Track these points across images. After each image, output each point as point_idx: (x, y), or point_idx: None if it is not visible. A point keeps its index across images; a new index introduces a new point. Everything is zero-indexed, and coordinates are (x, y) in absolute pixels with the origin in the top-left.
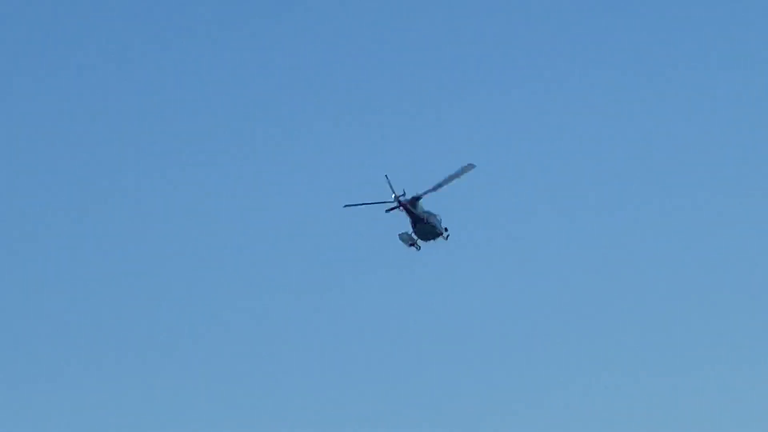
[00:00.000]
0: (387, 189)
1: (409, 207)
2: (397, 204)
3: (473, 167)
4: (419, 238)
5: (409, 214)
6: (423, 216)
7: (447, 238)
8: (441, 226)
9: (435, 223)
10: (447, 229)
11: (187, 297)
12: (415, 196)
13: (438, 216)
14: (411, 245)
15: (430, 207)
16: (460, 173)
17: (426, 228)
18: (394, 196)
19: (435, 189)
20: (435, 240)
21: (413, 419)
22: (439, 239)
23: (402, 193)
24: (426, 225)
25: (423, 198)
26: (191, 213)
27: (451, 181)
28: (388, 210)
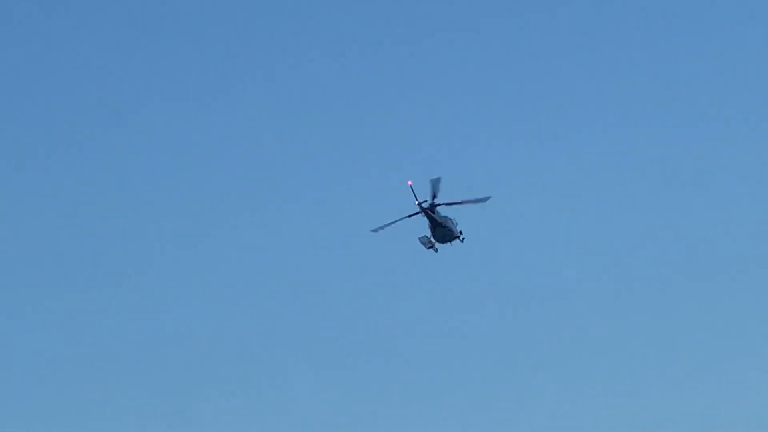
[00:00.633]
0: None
1: (430, 213)
2: (420, 210)
3: (489, 199)
4: (437, 240)
5: (430, 219)
6: (441, 221)
7: (462, 240)
8: (456, 229)
9: (452, 227)
10: (462, 233)
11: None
12: (435, 203)
13: (454, 220)
14: (430, 247)
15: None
16: (475, 201)
17: (444, 231)
18: (417, 202)
19: (450, 204)
20: (451, 243)
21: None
22: (455, 242)
23: (424, 200)
24: (444, 229)
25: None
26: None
27: (466, 204)
28: (410, 215)
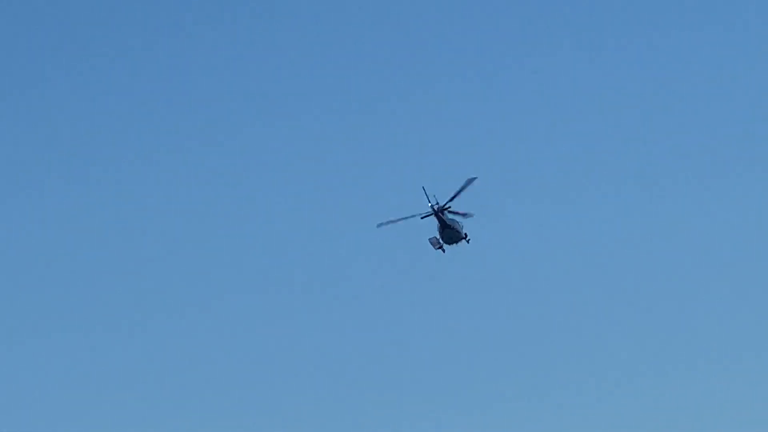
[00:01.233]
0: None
1: (441, 215)
2: (432, 212)
3: (475, 179)
4: (445, 242)
5: (440, 221)
6: (449, 223)
7: (468, 242)
8: (463, 231)
9: (459, 229)
10: (467, 235)
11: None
12: (444, 206)
13: (461, 223)
14: (438, 248)
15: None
16: (465, 186)
17: (451, 233)
18: (430, 205)
19: (451, 200)
20: (458, 244)
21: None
22: (462, 243)
23: (435, 203)
24: (452, 231)
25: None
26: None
27: (461, 194)
28: (423, 216)
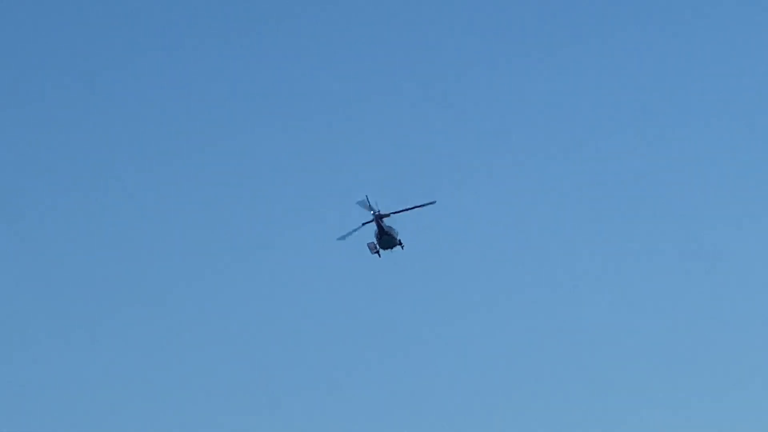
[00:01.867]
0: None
1: (380, 222)
2: (374, 218)
3: (434, 203)
4: (381, 247)
5: (379, 227)
6: (387, 230)
7: (403, 248)
8: (398, 238)
9: (395, 236)
10: (401, 241)
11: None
12: (384, 213)
13: (396, 230)
14: (375, 252)
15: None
16: (422, 206)
17: (388, 239)
18: (372, 212)
19: (398, 212)
20: (392, 249)
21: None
22: (396, 248)
23: (377, 210)
24: (389, 237)
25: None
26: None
27: (412, 210)
28: (365, 223)
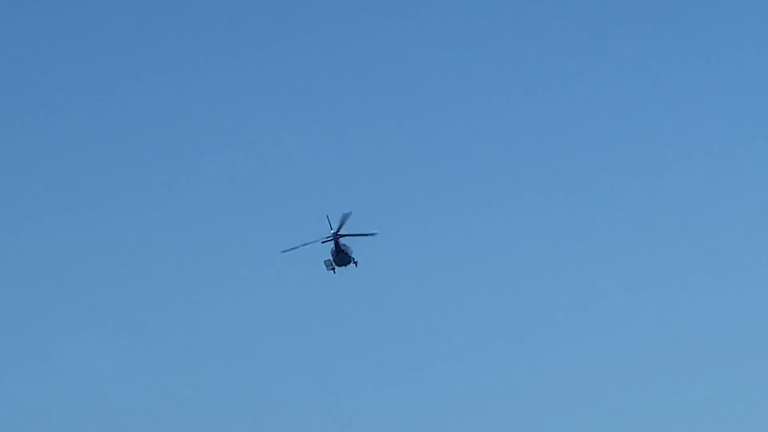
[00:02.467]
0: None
1: (338, 241)
2: (332, 237)
3: (350, 214)
4: (337, 264)
5: (336, 245)
6: (343, 248)
7: (356, 265)
8: (352, 256)
9: (350, 253)
10: (355, 259)
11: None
12: (340, 233)
13: (350, 248)
14: (330, 269)
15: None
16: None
17: (344, 257)
18: (332, 231)
19: (346, 235)
20: (346, 266)
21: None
22: (351, 265)
23: (336, 230)
24: (344, 255)
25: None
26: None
27: (343, 226)
28: (323, 241)
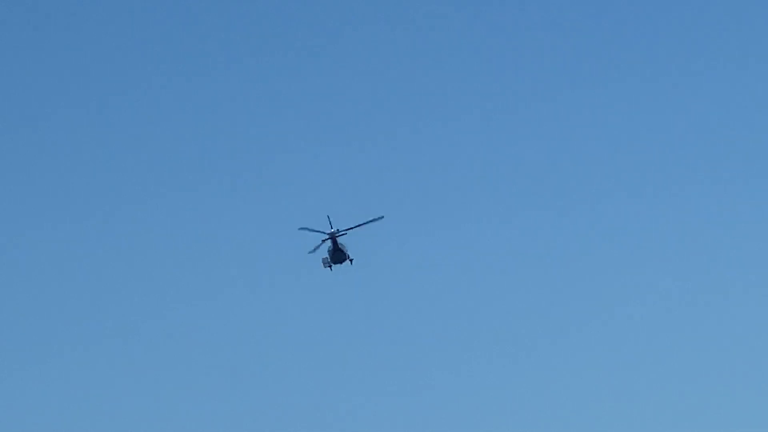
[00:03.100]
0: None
1: (336, 240)
2: (331, 235)
3: (382, 218)
4: (333, 262)
5: (334, 243)
6: (340, 246)
7: (351, 262)
8: (348, 254)
9: (346, 252)
10: (350, 256)
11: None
12: (338, 232)
13: (346, 246)
14: (327, 266)
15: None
16: (371, 221)
17: (340, 255)
18: (332, 230)
19: (351, 228)
20: (342, 264)
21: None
22: (346, 263)
23: (336, 229)
24: (341, 253)
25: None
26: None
27: (361, 227)
28: (324, 240)
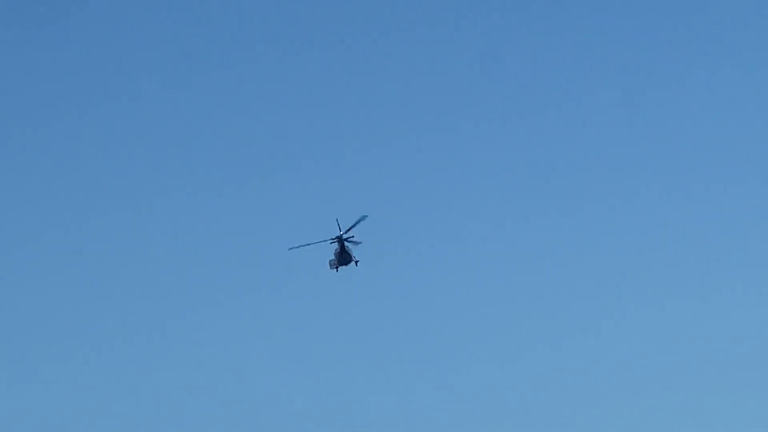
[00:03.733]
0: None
1: (344, 242)
2: (338, 238)
3: (366, 216)
4: (339, 264)
5: (341, 246)
6: (348, 249)
7: (357, 264)
8: (354, 256)
9: (352, 255)
10: (356, 258)
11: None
12: (345, 235)
13: (352, 249)
14: (334, 268)
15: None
16: (358, 221)
17: (347, 257)
18: (340, 233)
19: (348, 230)
20: (348, 265)
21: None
22: (351, 264)
23: (344, 232)
24: (347, 255)
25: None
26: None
27: (354, 227)
28: (331, 242)
